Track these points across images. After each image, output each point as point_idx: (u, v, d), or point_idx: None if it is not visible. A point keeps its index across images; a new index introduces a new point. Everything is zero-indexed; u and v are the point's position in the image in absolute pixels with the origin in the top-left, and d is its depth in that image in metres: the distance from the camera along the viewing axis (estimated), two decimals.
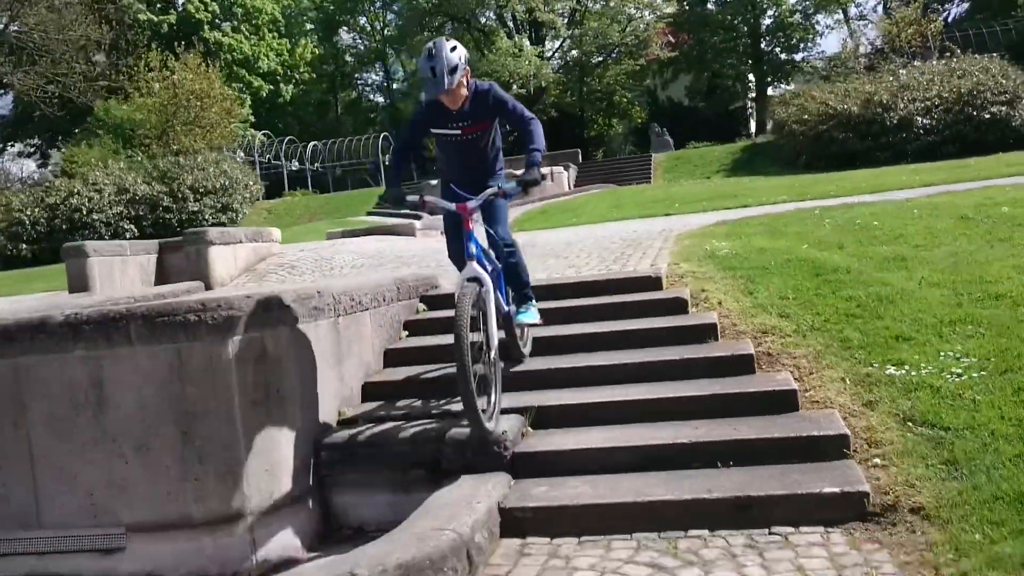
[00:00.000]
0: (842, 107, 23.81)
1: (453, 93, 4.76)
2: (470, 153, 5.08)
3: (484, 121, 5.01)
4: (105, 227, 27.12)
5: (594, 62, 51.30)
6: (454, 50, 4.71)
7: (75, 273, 10.34)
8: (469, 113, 4.94)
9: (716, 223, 10.11)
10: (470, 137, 5.03)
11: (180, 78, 31.93)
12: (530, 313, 5.29)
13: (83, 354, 4.25)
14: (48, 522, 4.34)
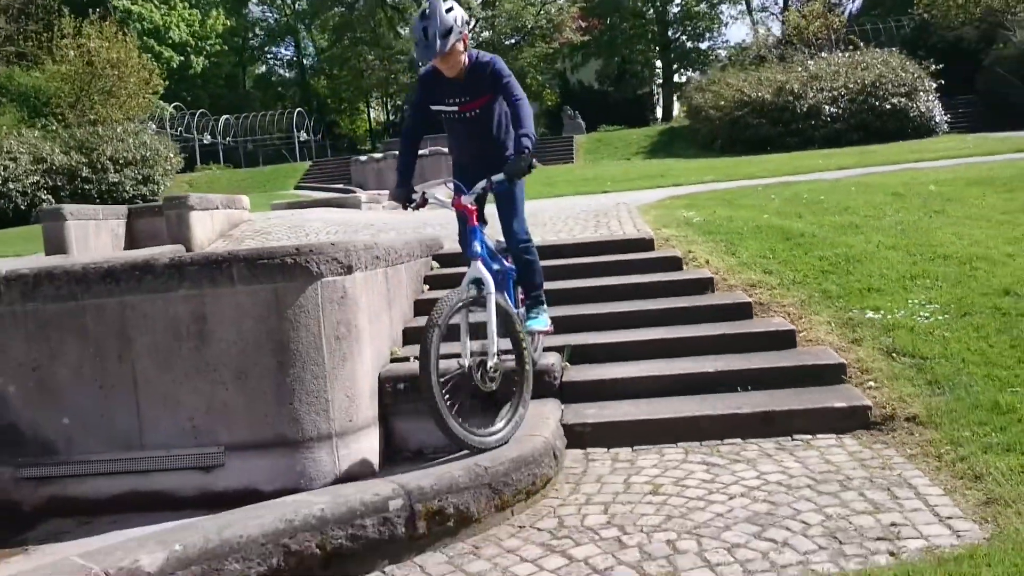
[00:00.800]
0: (756, 95, 25.17)
1: (448, 59, 4.45)
2: (474, 133, 4.75)
3: (483, 96, 4.65)
4: (22, 197, 26.52)
5: (508, 44, 51.93)
6: (450, 11, 4.40)
7: (52, 236, 10.52)
8: (466, 87, 4.61)
9: (669, 197, 10.98)
10: (469, 115, 4.70)
11: (96, 46, 31.20)
12: (541, 319, 4.97)
13: (186, 293, 4.74)
14: (150, 444, 4.82)
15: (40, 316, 4.83)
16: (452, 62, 4.48)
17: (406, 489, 3.61)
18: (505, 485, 3.84)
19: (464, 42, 4.49)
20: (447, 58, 4.44)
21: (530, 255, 4.95)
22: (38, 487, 4.87)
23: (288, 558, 3.28)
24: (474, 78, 4.59)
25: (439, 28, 4.34)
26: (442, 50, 4.37)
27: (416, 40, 4.49)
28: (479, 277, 4.41)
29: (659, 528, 3.57)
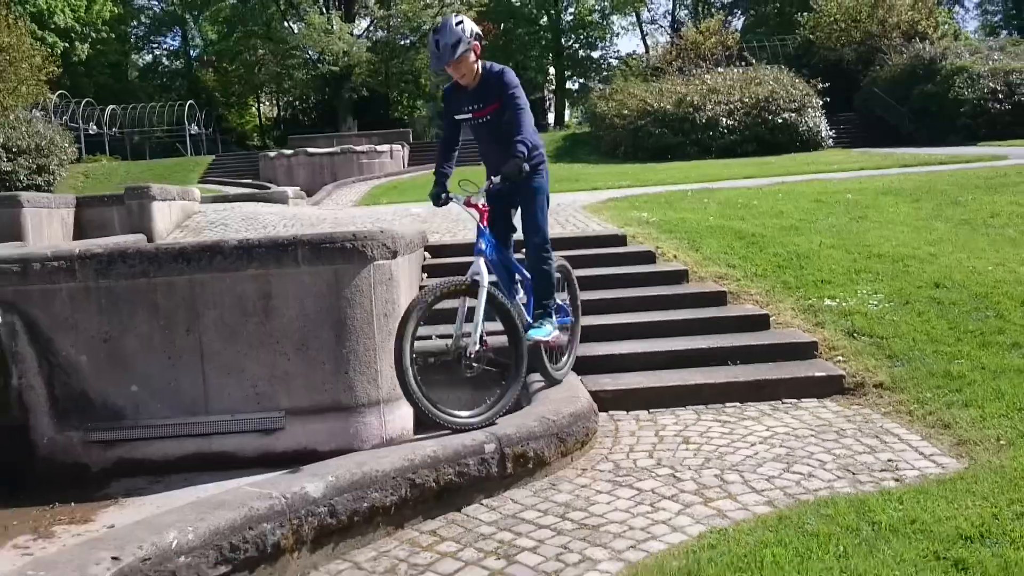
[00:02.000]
0: (658, 105, 26.49)
1: (458, 67, 4.82)
2: (489, 138, 5.05)
3: (493, 103, 4.95)
4: None
5: (403, 44, 52.25)
6: (459, 24, 4.80)
7: (7, 224, 10.55)
8: (479, 95, 4.95)
9: (609, 199, 11.85)
10: (482, 121, 5.03)
11: None
12: (544, 329, 5.05)
13: (254, 272, 5.24)
14: (215, 409, 5.29)
15: (112, 292, 5.24)
16: (463, 70, 4.86)
17: (496, 436, 4.27)
18: (568, 435, 4.54)
19: (475, 52, 4.86)
20: (458, 66, 4.83)
21: (546, 265, 5.12)
22: (106, 450, 5.28)
23: (413, 489, 3.89)
24: (485, 86, 4.94)
25: (449, 39, 4.75)
26: (451, 58, 4.76)
27: (431, 52, 4.93)
28: (478, 272, 4.75)
29: (703, 467, 4.35)
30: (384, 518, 3.82)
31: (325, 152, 28.02)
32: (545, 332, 5.05)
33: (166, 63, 61.08)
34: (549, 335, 5.07)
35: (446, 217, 11.44)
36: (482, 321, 4.69)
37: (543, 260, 5.11)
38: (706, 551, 3.38)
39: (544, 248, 5.11)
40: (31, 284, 5.21)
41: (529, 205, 5.13)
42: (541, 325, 5.06)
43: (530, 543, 3.65)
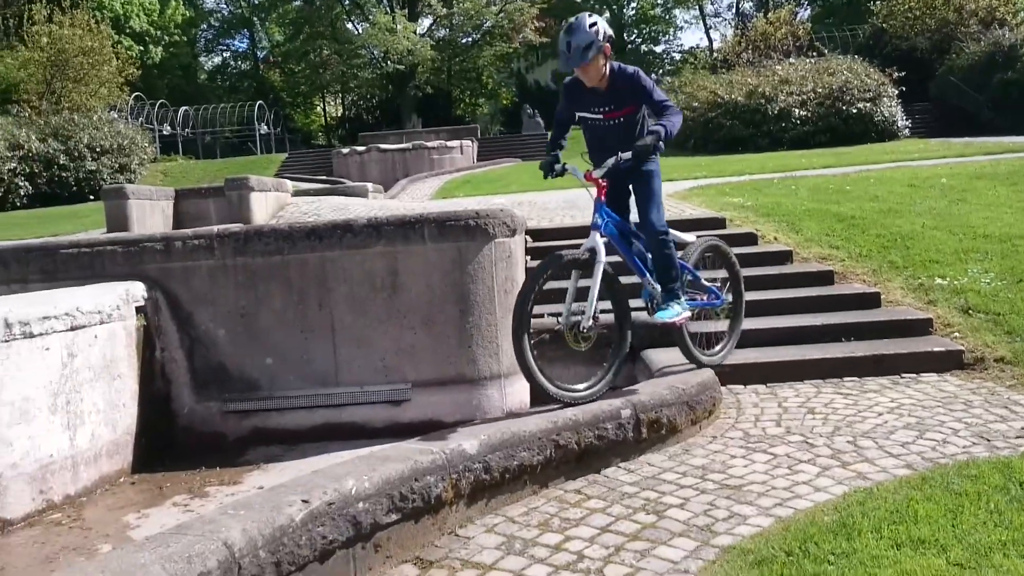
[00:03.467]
0: (729, 97, 26.33)
1: (587, 71, 4.73)
2: (615, 140, 4.84)
3: (627, 107, 4.85)
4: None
5: (466, 43, 52.62)
6: (593, 26, 4.66)
7: (114, 214, 11.00)
8: (611, 97, 4.83)
9: (694, 188, 11.89)
10: (613, 123, 4.92)
11: (70, 34, 31.09)
12: (670, 310, 4.92)
13: (382, 249, 5.44)
14: (344, 381, 5.51)
15: (249, 268, 5.49)
16: (592, 73, 4.74)
17: (632, 402, 4.39)
18: (696, 403, 4.65)
19: (606, 55, 4.73)
20: (587, 69, 4.72)
21: (667, 248, 4.97)
22: (242, 419, 5.53)
23: (557, 450, 4.03)
24: (617, 88, 4.80)
25: (581, 41, 4.63)
26: (580, 62, 4.67)
27: (560, 51, 4.81)
28: (593, 247, 4.72)
29: (834, 434, 4.42)
30: (531, 477, 3.98)
31: (397, 148, 28.41)
32: (672, 313, 4.91)
33: (234, 65, 62.37)
34: (676, 316, 4.92)
35: (533, 205, 11.60)
36: (597, 297, 4.68)
37: (663, 244, 4.95)
38: (856, 507, 3.46)
39: (663, 232, 4.96)
40: (173, 262, 5.49)
41: (645, 188, 5.01)
42: (668, 306, 4.94)
43: (676, 500, 3.77)
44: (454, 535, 3.58)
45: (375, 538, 3.31)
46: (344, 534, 3.16)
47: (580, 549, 3.37)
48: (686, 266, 5.19)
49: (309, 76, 53.83)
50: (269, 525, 2.91)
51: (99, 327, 4.90)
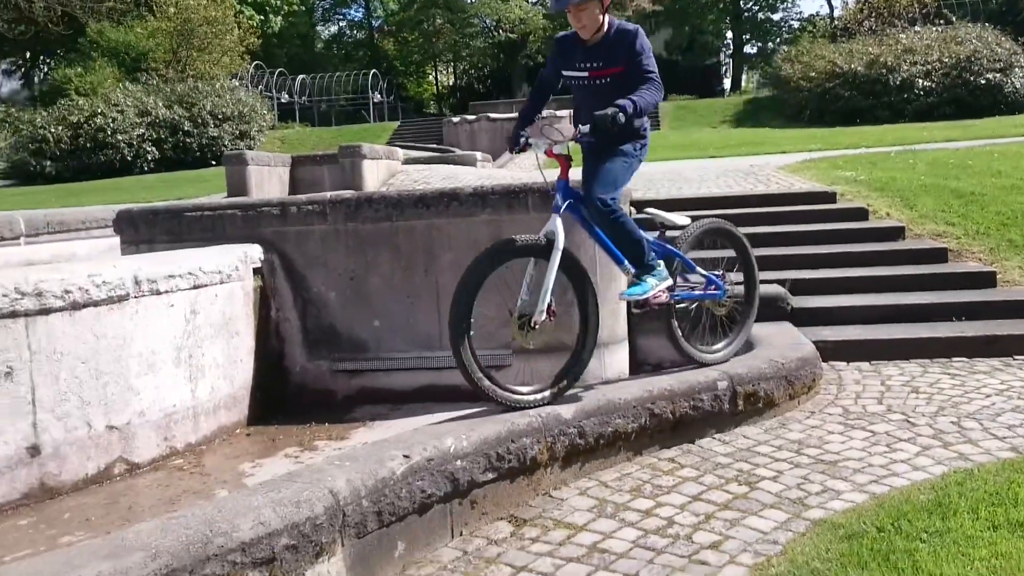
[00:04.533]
0: (848, 67, 25.45)
1: (578, 14, 4.23)
2: (601, 104, 4.16)
3: (617, 66, 4.29)
4: (128, 148, 27.68)
5: None
6: None
7: (234, 180, 11.48)
8: (601, 53, 4.31)
9: (806, 161, 11.62)
10: (599, 83, 4.35)
11: (195, 4, 32.25)
12: (642, 285, 4.43)
13: (487, 218, 5.56)
14: (448, 345, 5.67)
15: (359, 234, 5.69)
16: (585, 20, 4.24)
17: (728, 374, 4.41)
18: (795, 378, 4.64)
19: (603, 5, 4.27)
20: (579, 13, 4.22)
21: (617, 222, 4.39)
22: (351, 379, 5.76)
23: (651, 419, 4.10)
24: (611, 45, 4.30)
25: None
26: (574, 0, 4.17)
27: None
28: (553, 231, 4.20)
29: (937, 414, 4.35)
30: (625, 444, 4.05)
31: (506, 117, 28.53)
32: (644, 288, 4.38)
33: (349, 34, 63.52)
34: (646, 292, 4.39)
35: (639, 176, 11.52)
36: (552, 287, 4.18)
37: (611, 219, 4.34)
38: (954, 487, 3.42)
39: (606, 206, 4.33)
40: (289, 226, 5.73)
41: (607, 161, 4.37)
42: (642, 280, 4.40)
43: (769, 473, 3.79)
44: (548, 496, 3.69)
45: (471, 495, 3.45)
46: (442, 489, 3.30)
47: (670, 515, 3.44)
48: (676, 252, 4.68)
49: (422, 45, 54.41)
50: (372, 477, 3.08)
51: (219, 286, 5.18)
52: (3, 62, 47.89)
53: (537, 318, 4.19)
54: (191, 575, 2.43)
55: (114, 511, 4.03)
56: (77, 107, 28.10)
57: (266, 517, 2.68)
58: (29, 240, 7.31)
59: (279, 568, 2.67)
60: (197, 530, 2.53)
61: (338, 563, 2.89)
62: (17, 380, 4.09)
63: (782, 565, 2.95)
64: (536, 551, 3.20)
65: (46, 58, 47.64)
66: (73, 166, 26.97)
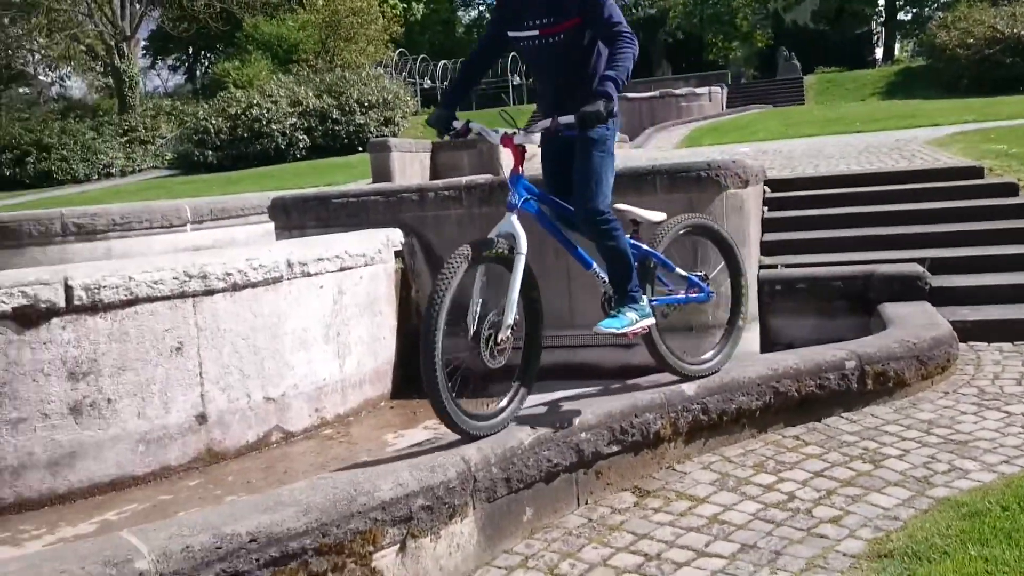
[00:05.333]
0: (1011, 31, 24.01)
1: None
2: (557, 67, 3.67)
3: (571, 18, 3.60)
4: (281, 137, 28.97)
5: None
6: None
7: (378, 165, 11.99)
8: (551, 5, 3.60)
9: (956, 134, 11.15)
10: (551, 40, 3.65)
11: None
12: (621, 319, 3.78)
13: None
14: (579, 324, 5.85)
15: (493, 217, 5.87)
16: None
17: (856, 353, 4.41)
18: (928, 358, 4.58)
19: None
20: None
21: (612, 238, 3.74)
22: None
23: (776, 397, 4.16)
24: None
25: None
26: None
27: None
28: (511, 232, 3.57)
29: None
30: (749, 421, 4.13)
31: (643, 97, 28.36)
32: (621, 323, 3.75)
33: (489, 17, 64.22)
34: (627, 327, 3.76)
35: (777, 154, 11.37)
36: (516, 299, 3.59)
37: (606, 233, 3.73)
38: None
39: (601, 217, 3.71)
40: (427, 211, 6.04)
41: (585, 161, 3.71)
42: (619, 313, 3.80)
43: (895, 452, 3.80)
44: (671, 469, 3.82)
45: (596, 466, 3.62)
46: (568, 459, 3.49)
47: (792, 491, 3.52)
48: (653, 253, 4.08)
49: None
50: (501, 446, 3.30)
51: (364, 268, 5.53)
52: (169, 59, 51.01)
53: (503, 333, 3.56)
54: (337, 529, 2.71)
55: (272, 474, 4.43)
56: (235, 99, 29.57)
57: (404, 479, 2.93)
58: (195, 226, 7.93)
59: (416, 527, 2.92)
60: (343, 489, 2.81)
61: (470, 525, 3.13)
62: (186, 355, 4.53)
63: (900, 540, 3.00)
64: (658, 520, 3.35)
65: (207, 53, 50.35)
66: (232, 155, 28.47)
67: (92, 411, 4.24)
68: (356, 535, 2.75)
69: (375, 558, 2.81)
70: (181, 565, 2.43)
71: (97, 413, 4.25)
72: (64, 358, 4.17)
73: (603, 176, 3.74)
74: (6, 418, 4.07)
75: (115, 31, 34.04)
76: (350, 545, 2.74)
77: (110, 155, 29.31)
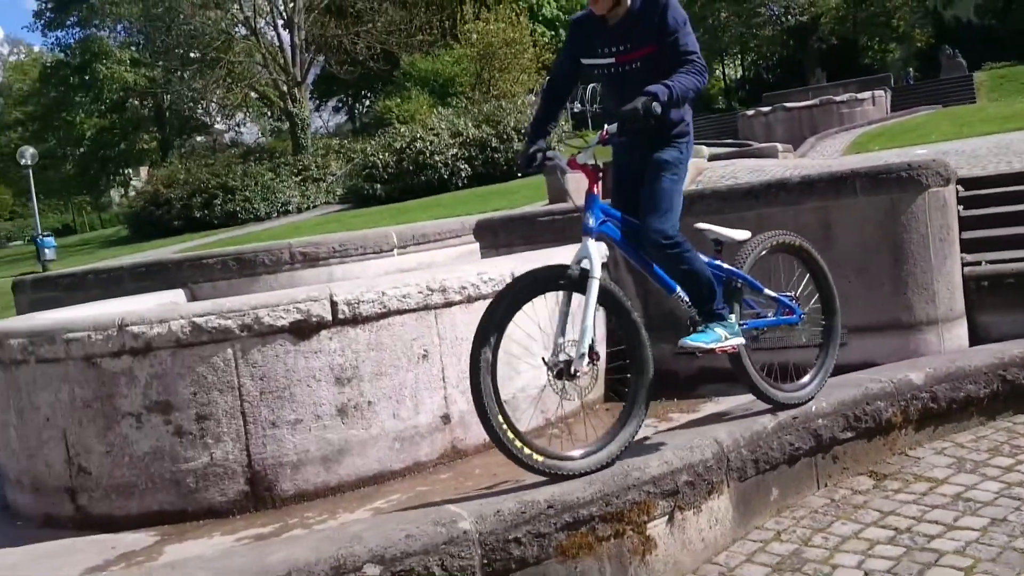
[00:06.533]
0: None
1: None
2: (633, 94, 3.41)
3: (647, 45, 3.58)
4: (444, 167, 30.12)
5: None
6: None
7: (555, 187, 12.44)
8: (626, 32, 3.60)
9: None
10: (627, 69, 3.65)
11: (495, 29, 34.53)
12: (708, 333, 3.75)
13: (815, 204, 5.87)
14: None
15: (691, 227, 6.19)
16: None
17: None
18: None
19: None
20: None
21: (682, 260, 3.68)
22: (691, 360, 6.24)
23: (1003, 385, 4.26)
24: (637, 20, 3.59)
25: None
26: None
27: None
28: (586, 258, 3.51)
29: None
30: (977, 408, 4.25)
31: (803, 105, 27.96)
32: (709, 338, 3.73)
33: None
34: (714, 343, 3.72)
35: (960, 154, 11.13)
36: (592, 326, 3.52)
37: (673, 257, 3.65)
38: None
39: (669, 241, 3.62)
40: None
41: (652, 182, 3.69)
42: (707, 329, 3.76)
43: None
44: (904, 455, 3.99)
45: (833, 451, 3.84)
46: (807, 443, 3.73)
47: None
48: (738, 273, 3.97)
49: (707, 41, 54.14)
50: (747, 430, 3.58)
51: None
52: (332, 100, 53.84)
53: (578, 364, 3.49)
54: (617, 499, 3.05)
55: (513, 468, 4.82)
56: (400, 134, 30.99)
57: (668, 458, 3.26)
58: (400, 251, 8.54)
59: (681, 500, 3.24)
60: (619, 467, 3.16)
61: (725, 501, 3.41)
62: (431, 361, 5.01)
63: None
64: (900, 499, 3.54)
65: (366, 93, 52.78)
66: (399, 187, 29.81)
67: (356, 412, 4.76)
68: (633, 505, 3.09)
69: (648, 527, 3.14)
70: (495, 526, 2.83)
71: (360, 414, 4.77)
72: (331, 366, 4.71)
73: (672, 196, 3.69)
74: (286, 419, 4.63)
75: (287, 78, 36.31)
76: (628, 514, 3.08)
77: (287, 193, 31.19)
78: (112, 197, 65.29)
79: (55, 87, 53.49)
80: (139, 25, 45.22)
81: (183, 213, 30.06)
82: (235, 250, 8.02)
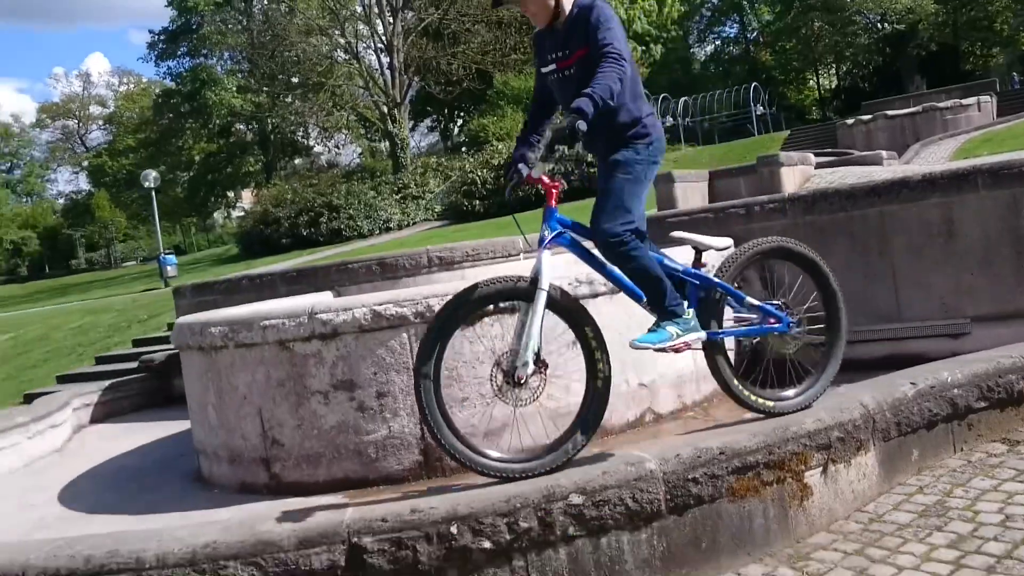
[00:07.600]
0: None
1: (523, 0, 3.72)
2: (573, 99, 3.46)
3: (579, 48, 3.63)
4: None
5: None
6: None
7: (664, 195, 12.85)
8: (565, 39, 3.68)
9: None
10: (566, 74, 3.71)
11: None
12: (659, 333, 3.74)
13: (937, 200, 6.16)
14: (905, 318, 6.34)
15: (815, 225, 6.55)
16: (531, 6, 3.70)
17: None
18: None
19: None
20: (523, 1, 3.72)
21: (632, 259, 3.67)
22: None
23: None
24: (573, 26, 3.66)
25: None
26: None
27: None
28: (536, 269, 3.60)
29: None
30: None
31: (905, 113, 27.65)
32: (657, 337, 3.73)
33: (725, 50, 64.33)
34: (661, 342, 3.73)
35: None
36: (537, 336, 3.58)
37: (623, 256, 3.66)
38: None
39: (616, 239, 3.62)
40: (753, 223, 6.76)
41: (605, 182, 3.74)
42: (657, 328, 3.75)
43: None
44: None
45: (968, 419, 4.16)
46: (944, 410, 4.07)
47: None
48: (719, 283, 3.92)
49: (801, 51, 53.75)
50: (890, 395, 3.94)
51: None
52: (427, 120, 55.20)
53: (522, 371, 3.59)
54: (779, 449, 3.48)
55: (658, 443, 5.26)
56: (497, 151, 31.72)
57: (822, 416, 3.66)
58: (526, 255, 9.06)
59: (833, 453, 3.63)
60: (779, 423, 3.58)
61: (871, 458, 3.79)
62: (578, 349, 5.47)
63: None
64: None
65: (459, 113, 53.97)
66: (496, 203, 30.47)
67: None
68: (792, 455, 3.51)
69: (806, 475, 3.55)
70: (676, 467, 3.29)
71: None
72: (493, 350, 5.22)
73: (624, 196, 3.67)
74: (455, 397, 5.16)
75: (387, 100, 37.49)
76: (788, 463, 3.50)
77: (388, 211, 32.18)
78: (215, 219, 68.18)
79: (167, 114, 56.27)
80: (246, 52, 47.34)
81: (291, 231, 31.30)
82: (378, 255, 8.66)
